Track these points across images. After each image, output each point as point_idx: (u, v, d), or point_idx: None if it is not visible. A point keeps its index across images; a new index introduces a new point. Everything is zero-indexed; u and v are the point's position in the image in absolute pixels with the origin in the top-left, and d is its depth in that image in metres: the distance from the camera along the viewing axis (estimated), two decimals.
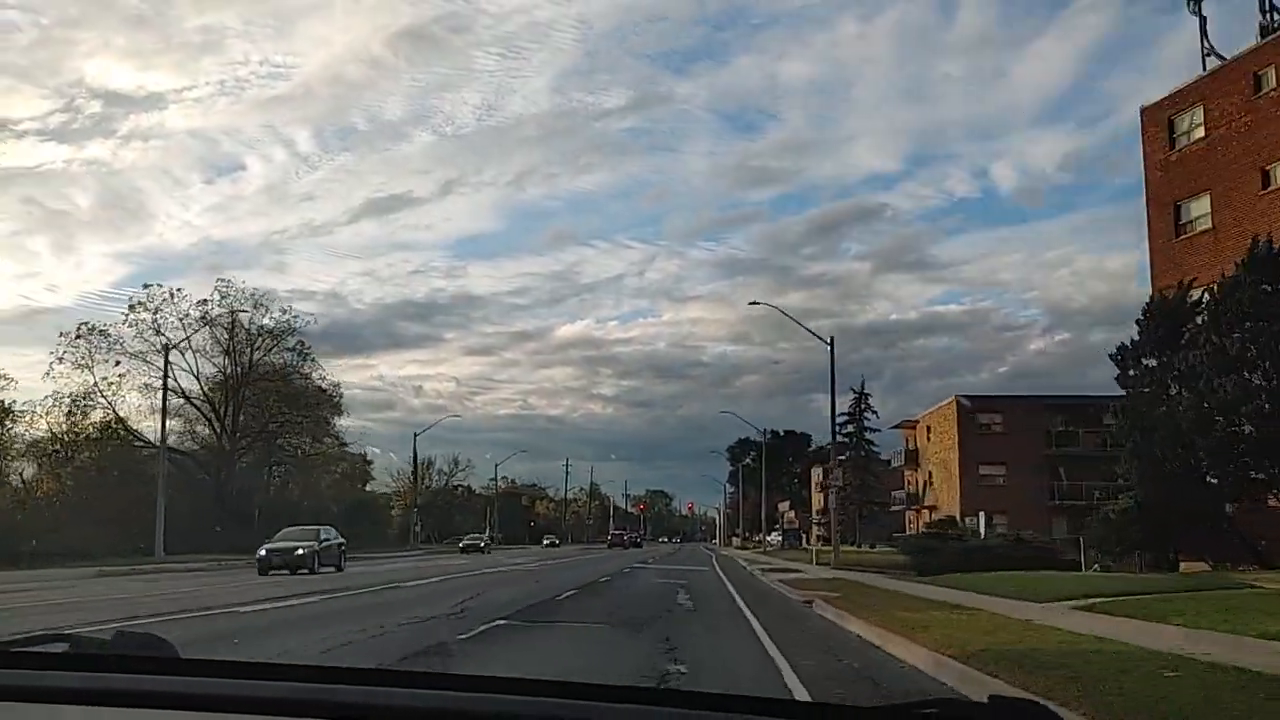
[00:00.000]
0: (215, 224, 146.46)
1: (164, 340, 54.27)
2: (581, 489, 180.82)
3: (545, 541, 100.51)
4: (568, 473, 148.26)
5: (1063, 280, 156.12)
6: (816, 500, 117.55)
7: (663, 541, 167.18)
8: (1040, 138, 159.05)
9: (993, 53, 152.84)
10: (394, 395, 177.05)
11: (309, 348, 63.49)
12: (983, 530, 50.24)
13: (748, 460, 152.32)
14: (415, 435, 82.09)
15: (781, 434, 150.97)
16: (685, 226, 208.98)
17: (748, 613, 18.92)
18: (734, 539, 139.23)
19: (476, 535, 68.36)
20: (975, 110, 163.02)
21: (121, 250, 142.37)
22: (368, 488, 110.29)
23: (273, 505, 65.33)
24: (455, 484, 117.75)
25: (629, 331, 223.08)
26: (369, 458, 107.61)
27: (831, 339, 45.34)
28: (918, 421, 69.44)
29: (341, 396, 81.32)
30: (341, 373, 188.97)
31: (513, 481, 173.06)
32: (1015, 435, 57.87)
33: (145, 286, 57.28)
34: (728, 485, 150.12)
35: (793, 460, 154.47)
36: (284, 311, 61.68)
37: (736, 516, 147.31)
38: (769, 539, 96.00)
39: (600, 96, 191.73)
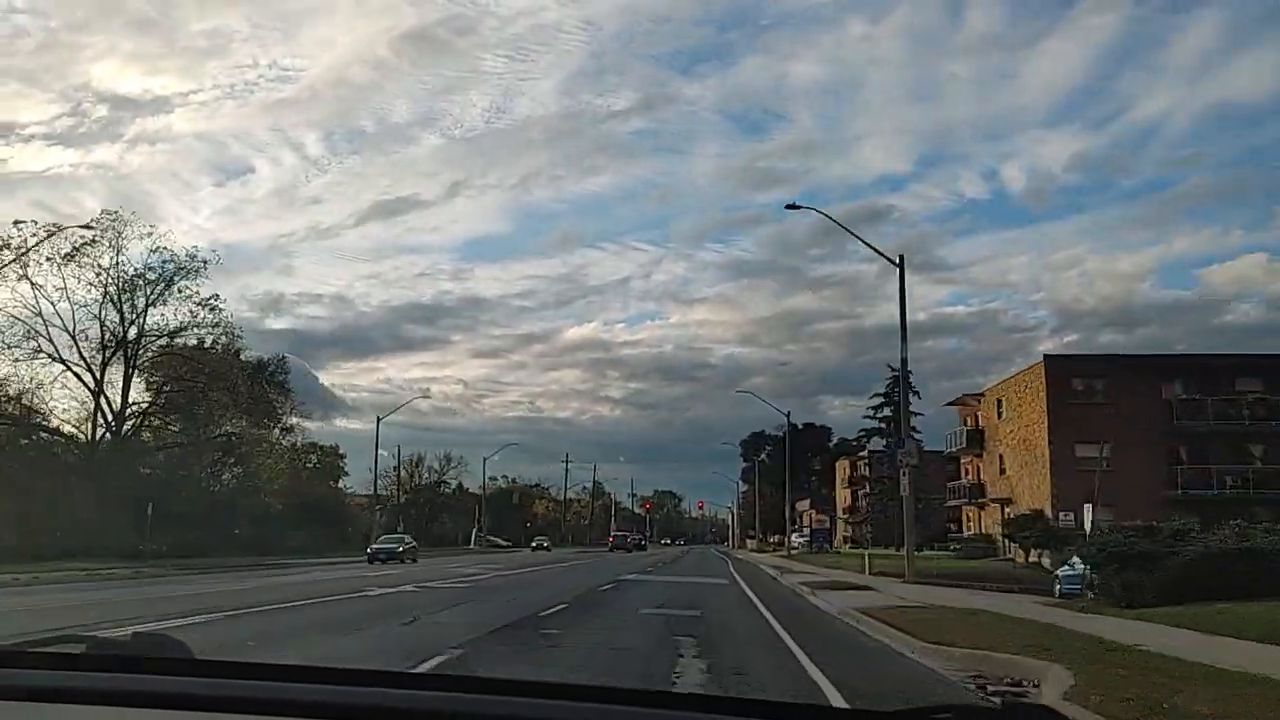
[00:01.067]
0: (223, 227, 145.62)
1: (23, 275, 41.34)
2: (584, 488, 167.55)
3: (533, 544, 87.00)
4: (567, 470, 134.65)
5: (1071, 281, 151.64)
6: (842, 497, 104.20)
7: (665, 543, 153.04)
8: (1048, 138, 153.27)
9: (1001, 53, 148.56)
10: (401, 398, 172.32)
11: (221, 301, 50.34)
12: (1087, 527, 37.23)
13: (763, 456, 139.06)
14: (379, 419, 68.80)
15: (800, 427, 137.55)
16: (692, 228, 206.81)
17: None
18: (748, 541, 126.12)
19: (394, 537, 53.11)
20: (983, 111, 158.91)
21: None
22: (341, 484, 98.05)
23: (192, 501, 52.41)
24: (442, 482, 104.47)
25: (636, 334, 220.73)
26: (342, 451, 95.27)
27: (901, 258, 32.16)
28: (983, 395, 56.02)
29: (288, 373, 68.72)
30: (349, 376, 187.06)
31: (513, 480, 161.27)
32: (1122, 406, 44.41)
33: (16, 223, 44.18)
34: (740, 483, 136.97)
35: (811, 456, 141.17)
36: (190, 254, 48.66)
37: (749, 517, 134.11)
38: (795, 540, 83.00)
39: (608, 99, 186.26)
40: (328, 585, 24.37)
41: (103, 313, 46.62)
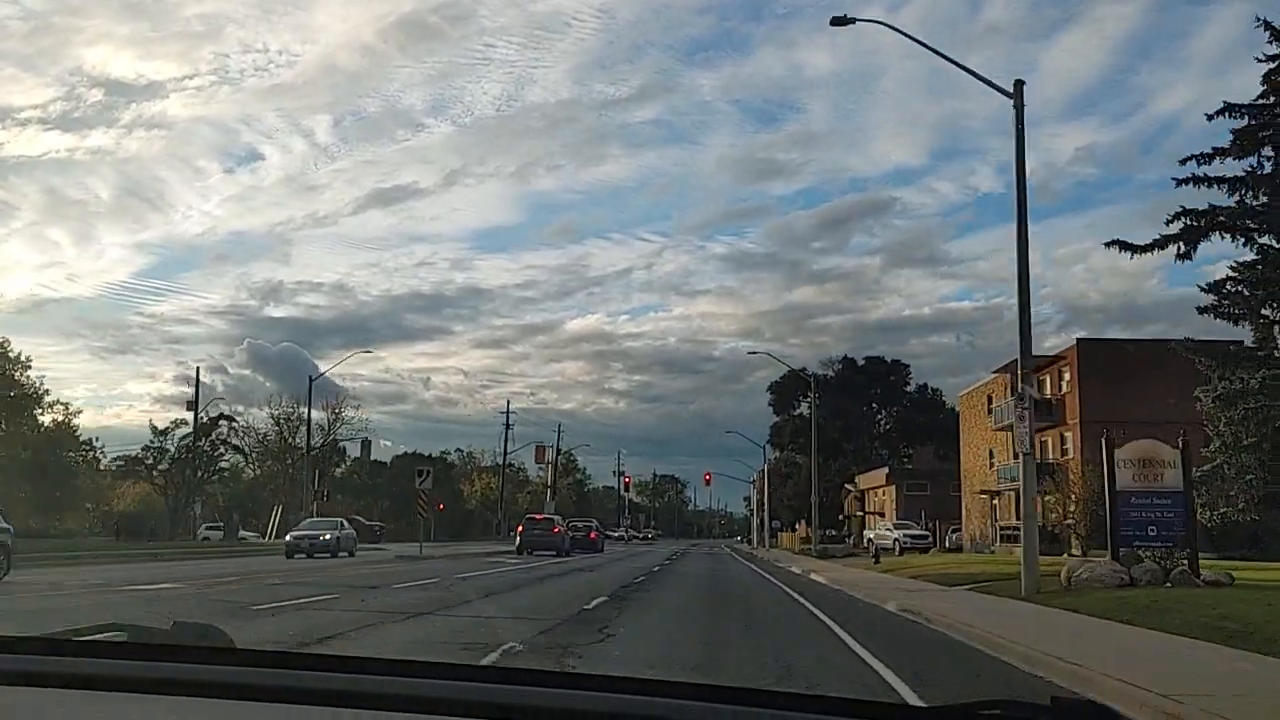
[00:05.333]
0: (229, 215, 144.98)
1: None
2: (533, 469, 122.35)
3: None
4: (509, 424, 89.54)
5: (1077, 277, 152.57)
6: (977, 456, 58.71)
7: (621, 536, 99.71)
8: (1057, 133, 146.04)
9: (1009, 45, 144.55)
10: (404, 388, 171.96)
11: None
12: None
13: (802, 408, 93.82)
14: None
15: (859, 363, 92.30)
16: (696, 220, 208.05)
17: None
18: (780, 534, 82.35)
19: None
20: (991, 105, 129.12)
21: (130, 241, 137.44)
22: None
23: None
24: (219, 421, 59.35)
25: (640, 326, 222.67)
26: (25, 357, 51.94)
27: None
28: None
29: None
30: (351, 365, 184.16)
31: (467, 454, 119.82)
32: None
33: None
34: (769, 447, 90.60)
35: (879, 408, 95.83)
36: None
37: (783, 500, 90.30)
38: (888, 538, 39.22)
39: (617, 88, 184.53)
40: None
41: None
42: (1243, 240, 25.20)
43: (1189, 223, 25.41)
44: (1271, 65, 25.05)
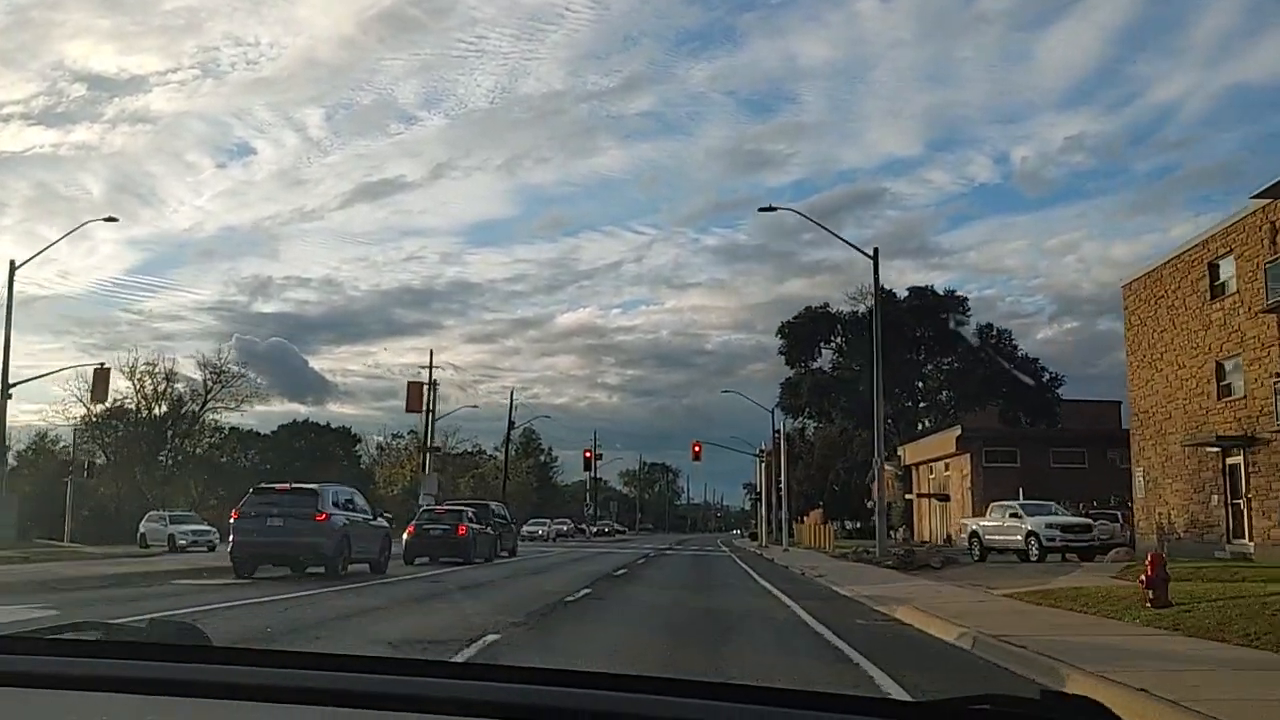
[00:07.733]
0: (208, 211, 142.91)
1: None
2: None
3: None
4: (432, 382, 65.80)
5: (1068, 268, 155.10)
6: (1207, 366, 34.70)
7: (599, 530, 78.40)
8: (1046, 123, 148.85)
9: (1000, 35, 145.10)
10: (396, 383, 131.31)
11: None
12: None
13: (819, 362, 70.74)
14: None
15: (899, 297, 67.69)
16: (688, 211, 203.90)
17: None
18: (795, 523, 60.09)
19: None
20: (983, 96, 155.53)
21: (120, 237, 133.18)
22: None
23: None
24: None
25: (631, 319, 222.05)
26: None
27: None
28: None
29: None
30: (342, 360, 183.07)
31: (407, 438, 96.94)
32: None
33: None
34: (778, 412, 66.55)
35: (926, 357, 70.75)
36: None
37: (800, 483, 67.79)
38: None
39: (608, 79, 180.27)
40: None
41: None
42: None
43: None
44: None
